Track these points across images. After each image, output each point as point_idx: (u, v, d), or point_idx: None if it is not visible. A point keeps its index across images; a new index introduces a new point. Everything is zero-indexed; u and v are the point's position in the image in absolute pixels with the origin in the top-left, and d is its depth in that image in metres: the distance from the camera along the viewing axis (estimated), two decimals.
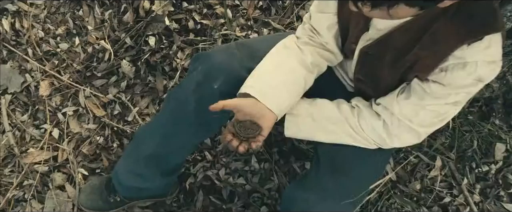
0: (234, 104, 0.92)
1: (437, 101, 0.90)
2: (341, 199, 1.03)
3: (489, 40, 0.83)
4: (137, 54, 1.55)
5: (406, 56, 0.90)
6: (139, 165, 1.25)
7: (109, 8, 1.60)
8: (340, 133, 1.02)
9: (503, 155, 1.42)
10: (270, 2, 1.58)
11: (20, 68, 1.57)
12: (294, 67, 1.01)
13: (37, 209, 1.46)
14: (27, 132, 1.52)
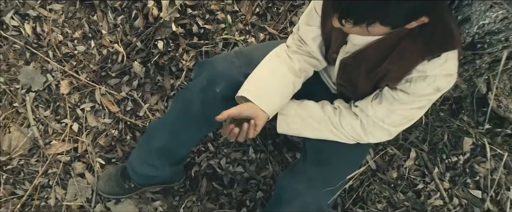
0: (236, 111, 1.08)
1: (404, 106, 1.08)
2: (324, 188, 1.22)
3: (446, 56, 1.00)
4: (147, 56, 1.73)
5: (378, 68, 1.07)
6: (151, 156, 1.43)
7: (121, 13, 1.77)
8: (324, 130, 1.19)
9: (470, 147, 1.60)
10: (266, 9, 1.74)
11: (42, 69, 1.75)
12: (284, 74, 1.19)
13: (61, 194, 1.65)
14: (50, 126, 1.70)
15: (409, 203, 1.59)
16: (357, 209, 1.59)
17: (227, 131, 1.11)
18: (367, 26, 0.86)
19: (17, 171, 1.66)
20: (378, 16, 0.83)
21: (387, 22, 0.86)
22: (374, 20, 0.84)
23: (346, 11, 0.84)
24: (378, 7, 0.81)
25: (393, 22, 0.87)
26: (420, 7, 0.83)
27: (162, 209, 1.64)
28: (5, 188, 1.64)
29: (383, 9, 0.81)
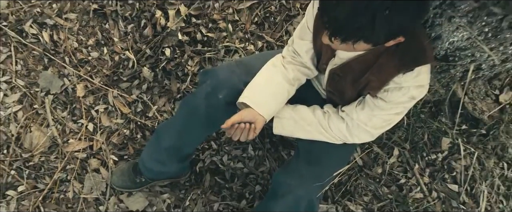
0: (238, 118, 1.24)
1: (383, 112, 1.24)
2: (314, 183, 1.38)
3: (418, 70, 1.15)
4: (155, 62, 1.89)
5: (361, 79, 1.23)
6: (160, 154, 1.60)
7: (131, 22, 1.92)
8: (314, 132, 1.35)
9: (448, 146, 1.77)
10: (264, 18, 1.90)
11: (59, 73, 1.91)
12: (279, 82, 1.34)
13: (78, 188, 1.82)
14: (67, 126, 1.87)
15: (392, 196, 1.76)
16: (345, 201, 1.77)
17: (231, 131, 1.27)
18: (353, 44, 1.01)
19: (38, 167, 1.83)
20: (363, 35, 0.96)
21: (370, 40, 1.01)
22: (359, 39, 0.99)
23: (337, 30, 0.97)
24: (364, 28, 0.94)
25: (375, 40, 1.00)
26: (398, 28, 0.97)
27: (169, 201, 1.81)
28: (28, 183, 1.81)
29: (367, 30, 0.94)
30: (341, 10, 0.92)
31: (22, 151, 1.84)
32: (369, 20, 0.91)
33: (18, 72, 1.91)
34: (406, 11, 0.93)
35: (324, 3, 0.96)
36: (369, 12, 0.90)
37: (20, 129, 1.85)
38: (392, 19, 0.92)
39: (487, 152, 1.78)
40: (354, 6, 0.90)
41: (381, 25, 0.93)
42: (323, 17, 0.97)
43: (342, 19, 0.93)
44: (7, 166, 1.82)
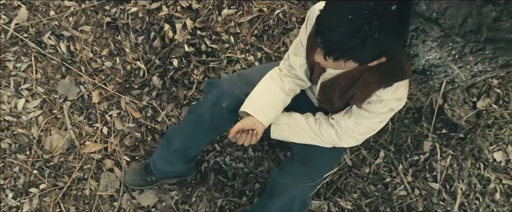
0: (241, 126, 1.41)
1: (367, 120, 1.42)
2: (307, 183, 1.56)
3: (397, 85, 1.32)
4: (164, 71, 2.07)
5: (347, 92, 1.41)
6: (169, 155, 1.78)
7: (141, 34, 2.10)
8: (307, 137, 1.53)
9: (429, 148, 1.95)
10: (263, 31, 2.07)
11: (76, 81, 2.09)
12: (277, 93, 1.52)
13: (94, 186, 2.01)
14: (83, 129, 2.05)
15: (379, 193, 1.95)
16: (336, 198, 1.95)
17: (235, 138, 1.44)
18: (345, 62, 1.12)
19: (57, 167, 2.02)
20: (353, 55, 1.10)
21: (359, 60, 1.13)
22: (350, 58, 1.11)
23: (331, 51, 1.09)
24: (355, 49, 1.06)
25: (363, 60, 1.14)
26: (384, 49, 1.13)
27: (177, 198, 2.00)
28: (49, 181, 2.00)
29: (358, 51, 1.07)
30: (336, 33, 1.04)
31: (43, 152, 2.02)
32: (360, 42, 1.03)
33: (38, 80, 2.08)
34: (391, 34, 1.07)
35: (321, 27, 1.08)
36: (360, 35, 1.02)
37: (41, 132, 2.04)
38: (380, 41, 1.05)
39: (465, 154, 1.97)
40: (348, 30, 1.02)
41: (370, 46, 1.05)
42: (319, 38, 1.09)
43: (336, 41, 1.05)
44: (30, 166, 2.01)
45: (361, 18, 1.01)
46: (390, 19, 1.04)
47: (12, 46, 2.09)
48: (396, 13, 1.04)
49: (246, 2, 2.09)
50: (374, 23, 1.02)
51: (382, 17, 1.03)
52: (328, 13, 1.07)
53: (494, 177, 1.99)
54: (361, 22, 1.01)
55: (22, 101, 2.06)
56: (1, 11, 2.12)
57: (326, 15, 1.07)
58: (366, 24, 1.02)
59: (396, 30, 1.08)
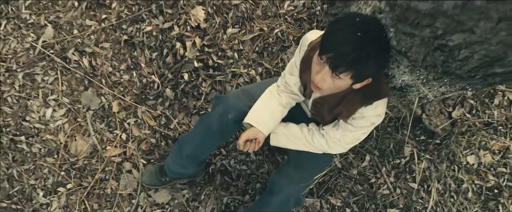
0: (246, 136, 1.67)
1: (352, 133, 1.66)
2: (301, 183, 1.83)
3: (376, 104, 1.58)
4: (176, 84, 2.33)
5: (335, 109, 1.66)
6: (182, 159, 2.04)
7: (155, 51, 2.36)
8: (301, 145, 1.79)
9: (409, 153, 2.22)
10: (263, 48, 2.33)
11: (97, 93, 2.35)
12: (275, 106, 1.78)
13: (115, 186, 2.28)
14: (104, 136, 2.32)
15: (365, 192, 2.22)
16: (327, 196, 2.22)
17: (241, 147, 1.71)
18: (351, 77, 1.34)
19: (82, 168, 2.29)
20: (357, 68, 1.30)
21: (359, 73, 1.34)
22: (353, 71, 1.31)
23: (340, 62, 1.29)
24: (360, 61, 1.28)
25: (362, 75, 1.35)
26: (379, 68, 1.39)
27: (188, 196, 2.27)
28: (74, 181, 2.27)
29: (362, 64, 1.28)
30: (347, 46, 1.25)
31: (69, 156, 2.29)
32: (365, 55, 1.26)
33: (64, 91, 2.35)
34: (384, 55, 1.36)
35: (331, 45, 1.29)
36: (365, 50, 1.25)
37: (67, 138, 2.30)
38: (379, 57, 1.32)
39: (441, 158, 2.23)
40: (357, 44, 1.25)
41: (373, 61, 1.28)
42: (328, 54, 1.29)
43: (347, 52, 1.25)
44: (57, 168, 2.27)
45: (367, 37, 1.26)
46: (384, 43, 1.32)
47: (40, 61, 2.35)
48: (387, 40, 1.31)
49: (248, 22, 2.35)
50: (376, 41, 1.29)
51: (380, 40, 1.30)
52: (336, 33, 1.29)
53: (467, 178, 2.26)
54: (367, 40, 1.26)
55: (49, 110, 2.32)
56: (30, 29, 2.38)
57: (334, 35, 1.29)
58: (373, 41, 1.27)
59: (387, 52, 1.36)
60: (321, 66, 1.37)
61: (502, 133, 2.32)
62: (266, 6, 2.36)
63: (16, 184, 2.28)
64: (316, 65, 1.41)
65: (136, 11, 2.37)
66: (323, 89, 1.45)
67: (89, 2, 2.39)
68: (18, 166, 2.28)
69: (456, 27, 0.96)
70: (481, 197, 2.28)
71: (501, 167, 2.31)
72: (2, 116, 2.31)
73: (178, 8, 2.34)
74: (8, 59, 2.35)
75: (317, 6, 2.32)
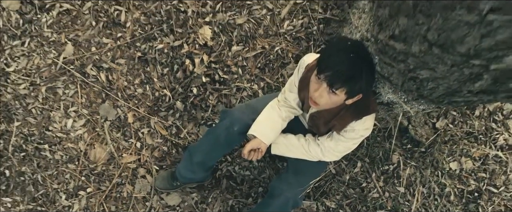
0: (250, 146, 1.91)
1: (344, 143, 1.90)
2: (298, 188, 2.07)
3: (365, 118, 1.81)
4: (185, 97, 2.56)
5: (329, 123, 1.90)
6: (192, 166, 2.27)
7: (166, 66, 2.59)
8: (299, 153, 2.02)
9: (397, 160, 2.46)
10: (265, 64, 2.57)
11: (113, 105, 2.59)
12: (276, 119, 2.01)
13: (130, 190, 2.51)
14: (121, 144, 2.55)
15: (357, 195, 2.45)
16: (323, 199, 2.46)
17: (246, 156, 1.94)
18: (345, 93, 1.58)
19: (100, 174, 2.52)
20: (351, 84, 1.52)
21: (353, 88, 1.56)
22: (348, 87, 1.54)
23: (337, 79, 1.50)
24: (354, 78, 1.50)
25: (355, 90, 1.57)
26: (368, 84, 1.63)
27: (197, 199, 2.50)
28: (94, 185, 2.50)
29: (356, 80, 1.51)
30: (342, 65, 1.47)
31: (89, 162, 2.52)
32: (359, 72, 1.48)
33: (83, 103, 2.58)
34: (372, 73, 1.59)
35: (329, 64, 1.50)
36: (357, 67, 1.48)
37: (86, 146, 2.54)
38: (369, 75, 1.56)
39: (426, 164, 2.47)
40: (350, 64, 1.47)
41: (365, 78, 1.51)
42: (326, 73, 1.50)
43: (343, 70, 1.47)
44: (78, 174, 2.51)
45: (360, 58, 1.51)
46: (371, 63, 1.57)
47: (61, 76, 2.59)
48: (373, 61, 1.56)
49: (251, 40, 2.58)
50: (366, 61, 1.53)
51: (368, 60, 1.55)
52: (332, 54, 1.50)
53: (449, 183, 2.49)
54: (358, 60, 1.50)
55: (70, 121, 2.55)
56: (51, 47, 2.61)
57: (330, 56, 1.51)
58: (363, 62, 1.52)
59: (374, 71, 1.60)
60: (319, 84, 1.59)
61: (482, 142, 2.56)
62: (267, 26, 2.59)
63: (41, 188, 2.51)
64: (314, 84, 1.64)
65: (149, 30, 2.61)
66: (320, 104, 1.66)
67: (105, 21, 2.63)
68: (42, 172, 2.51)
69: (423, 65, 1.19)
70: (463, 200, 2.51)
71: (481, 173, 2.54)
72: (27, 126, 2.54)
73: (187, 27, 2.57)
74: (32, 74, 2.58)
75: (314, 26, 2.56)
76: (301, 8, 2.60)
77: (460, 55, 0.95)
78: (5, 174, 2.51)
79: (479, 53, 0.90)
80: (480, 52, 0.88)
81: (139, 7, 2.62)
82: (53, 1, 2.63)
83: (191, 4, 2.59)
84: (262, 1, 2.61)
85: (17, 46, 2.60)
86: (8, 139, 2.53)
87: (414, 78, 1.33)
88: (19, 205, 2.50)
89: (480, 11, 0.78)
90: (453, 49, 0.96)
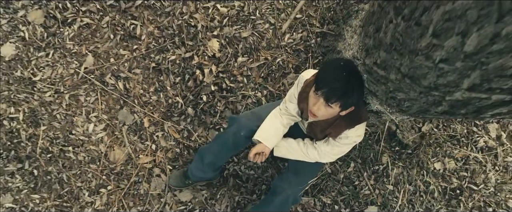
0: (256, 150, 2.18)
1: (339, 148, 2.16)
2: (298, 186, 2.34)
3: (357, 127, 2.07)
4: (196, 104, 2.84)
5: (326, 130, 2.17)
6: (203, 166, 2.54)
7: (178, 76, 2.86)
8: (298, 155, 2.28)
9: (386, 161, 2.74)
10: (268, 74, 2.84)
11: (131, 111, 2.86)
12: (278, 126, 2.28)
13: (146, 187, 2.79)
14: (137, 146, 2.82)
15: (350, 192, 2.73)
16: (320, 196, 2.74)
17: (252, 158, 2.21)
18: (339, 106, 1.89)
19: (119, 173, 2.80)
20: (344, 98, 1.78)
21: (346, 103, 1.83)
22: (342, 101, 1.84)
23: (332, 95, 1.75)
24: (347, 94, 1.76)
25: (347, 103, 1.84)
26: (358, 98, 1.90)
27: (206, 195, 2.78)
28: (113, 183, 2.78)
29: (348, 95, 1.77)
30: (337, 83, 1.69)
31: (109, 163, 2.80)
32: (351, 89, 1.71)
33: (103, 109, 2.85)
34: (363, 87, 1.85)
35: (325, 82, 1.73)
36: (350, 84, 1.70)
37: (106, 148, 2.81)
38: (359, 91, 1.82)
39: (412, 165, 2.75)
40: (344, 81, 1.69)
41: (356, 93, 1.78)
42: (322, 89, 1.73)
43: (337, 87, 1.69)
44: (99, 173, 2.78)
45: (351, 76, 1.77)
46: (361, 79, 1.82)
47: (82, 85, 2.86)
48: (362, 77, 1.81)
49: (255, 52, 2.85)
50: (356, 78, 1.79)
51: (358, 77, 1.81)
52: (328, 73, 1.75)
53: (434, 181, 2.77)
54: (350, 77, 1.75)
55: (91, 125, 2.83)
56: (73, 58, 2.88)
57: (326, 75, 1.75)
58: (354, 79, 1.77)
59: (363, 86, 1.85)
60: (317, 99, 1.86)
61: (464, 144, 2.83)
62: (270, 39, 2.86)
63: (66, 186, 2.79)
64: (312, 98, 1.90)
65: (162, 43, 2.87)
66: (318, 116, 1.93)
67: (122, 34, 2.89)
68: (67, 171, 2.79)
69: (399, 89, 1.46)
70: (446, 197, 2.79)
71: (463, 172, 2.82)
72: (53, 130, 2.82)
73: (197, 40, 2.84)
74: (56, 82, 2.85)
75: (312, 40, 2.83)
76: (301, 23, 2.86)
77: (424, 87, 1.22)
78: (34, 173, 2.78)
79: (437, 87, 1.16)
80: (438, 86, 1.15)
81: (153, 22, 2.89)
82: (74, 15, 2.89)
83: (201, 19, 2.85)
84: (265, 16, 2.88)
85: (42, 57, 2.87)
86: (35, 142, 2.80)
87: (393, 97, 1.60)
88: (47, 201, 2.77)
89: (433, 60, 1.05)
90: (419, 81, 1.23)
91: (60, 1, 2.90)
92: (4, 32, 2.88)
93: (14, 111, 2.82)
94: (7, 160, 2.79)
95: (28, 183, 2.78)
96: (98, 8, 2.90)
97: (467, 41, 0.86)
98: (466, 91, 1.02)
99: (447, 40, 0.93)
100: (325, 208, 2.76)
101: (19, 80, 2.84)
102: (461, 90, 1.03)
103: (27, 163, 2.79)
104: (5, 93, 2.83)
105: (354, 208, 2.75)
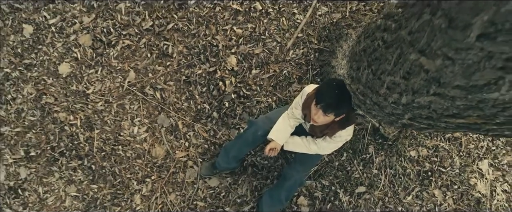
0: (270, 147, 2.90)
1: (333, 144, 2.86)
2: (303, 172, 3.07)
3: (347, 128, 2.76)
4: (220, 109, 3.53)
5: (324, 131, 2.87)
6: (228, 159, 3.23)
7: (204, 86, 3.55)
8: (303, 149, 2.97)
9: (371, 151, 3.45)
10: (276, 83, 3.53)
11: (167, 116, 3.55)
12: (287, 127, 2.97)
13: (183, 176, 3.51)
14: (174, 144, 3.52)
15: (343, 176, 3.46)
16: (320, 179, 3.47)
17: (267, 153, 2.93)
18: (334, 116, 2.61)
19: (160, 166, 3.51)
20: (339, 110, 2.51)
21: (339, 112, 2.59)
22: (336, 112, 2.58)
23: (329, 108, 2.45)
24: (342, 106, 2.50)
25: (341, 113, 2.59)
26: (345, 112, 2.61)
27: (230, 181, 3.50)
28: (156, 174, 3.50)
29: (343, 107, 2.50)
30: (331, 99, 2.24)
31: (151, 158, 3.51)
32: (342, 103, 2.43)
33: (144, 115, 3.55)
34: (351, 100, 2.56)
35: (323, 99, 2.39)
36: (342, 100, 2.45)
37: (149, 146, 3.52)
38: (350, 104, 2.54)
39: (392, 153, 3.47)
40: (339, 97, 2.39)
41: (347, 106, 2.51)
42: (321, 104, 2.39)
43: (332, 103, 2.22)
44: (144, 166, 3.50)
45: (343, 93, 2.44)
46: (349, 94, 2.51)
47: (127, 95, 3.54)
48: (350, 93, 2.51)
49: (265, 65, 3.53)
50: (346, 94, 2.48)
51: (347, 93, 2.50)
52: (324, 92, 2.40)
53: (410, 165, 3.50)
54: (341, 94, 2.42)
55: (136, 128, 3.53)
56: (118, 73, 3.55)
57: (323, 93, 2.38)
58: (345, 96, 2.45)
59: (351, 100, 2.55)
60: (316, 110, 2.55)
61: (434, 135, 3.55)
62: (277, 54, 3.54)
63: (118, 177, 3.50)
64: (313, 109, 2.60)
65: (190, 59, 3.55)
66: (318, 122, 2.64)
67: (157, 53, 3.57)
68: (118, 165, 3.50)
69: (372, 109, 2.16)
70: (419, 177, 3.53)
71: (433, 158, 3.55)
72: (105, 133, 3.52)
73: (219, 57, 3.52)
74: (106, 94, 3.54)
75: (311, 54, 3.51)
76: (302, 41, 3.54)
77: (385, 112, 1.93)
78: (92, 168, 3.50)
79: (393, 114, 1.87)
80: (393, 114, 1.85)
81: (182, 42, 3.56)
82: (117, 38, 3.56)
83: (221, 39, 3.53)
84: (272, 35, 3.55)
85: (92, 73, 3.55)
86: (92, 143, 3.50)
87: (370, 112, 2.31)
88: (103, 190, 3.49)
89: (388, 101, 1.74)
90: (383, 109, 1.94)
91: (104, 27, 3.57)
92: (60, 53, 3.55)
93: (73, 118, 3.51)
94: (70, 158, 3.50)
95: (87, 176, 3.50)
96: (136, 31, 3.57)
97: (402, 98, 1.56)
98: (408, 120, 1.72)
99: (393, 94, 1.63)
100: (324, 189, 3.49)
101: (75, 93, 3.52)
102: (405, 119, 1.74)
103: (86, 160, 3.50)
104: (64, 104, 3.52)
105: (347, 188, 3.48)
